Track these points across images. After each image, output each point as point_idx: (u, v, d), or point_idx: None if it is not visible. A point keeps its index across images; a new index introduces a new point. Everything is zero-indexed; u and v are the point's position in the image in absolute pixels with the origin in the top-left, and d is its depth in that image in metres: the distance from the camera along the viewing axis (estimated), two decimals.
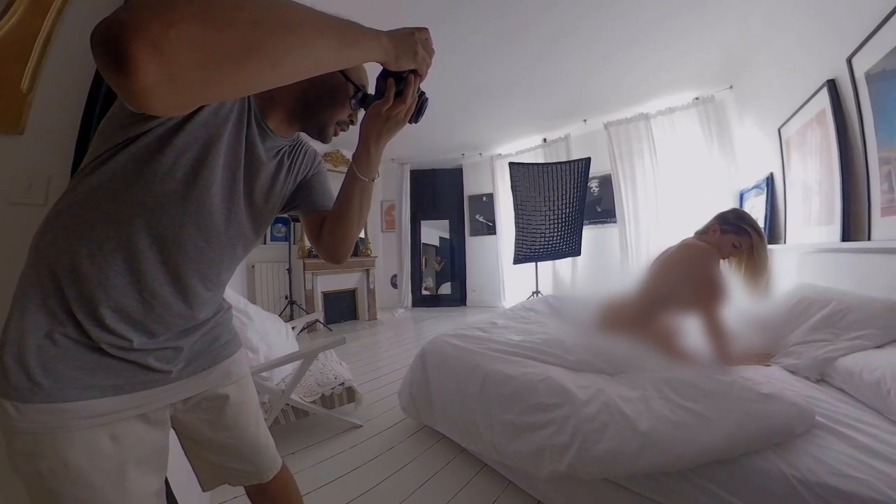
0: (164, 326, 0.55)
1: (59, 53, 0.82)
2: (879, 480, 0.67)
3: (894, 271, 1.24)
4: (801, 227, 1.95)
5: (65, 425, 0.47)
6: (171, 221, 0.51)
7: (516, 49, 2.55)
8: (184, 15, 0.27)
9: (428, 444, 1.52)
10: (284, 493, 0.76)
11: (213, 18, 0.28)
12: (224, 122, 0.53)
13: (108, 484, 0.50)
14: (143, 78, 0.26)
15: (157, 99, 0.28)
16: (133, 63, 0.25)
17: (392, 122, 0.58)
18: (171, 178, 0.49)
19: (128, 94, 0.28)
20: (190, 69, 0.28)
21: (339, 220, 0.68)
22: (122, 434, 0.52)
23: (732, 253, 1.31)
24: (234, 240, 0.60)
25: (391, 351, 3.03)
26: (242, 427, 0.69)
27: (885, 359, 0.96)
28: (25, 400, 0.45)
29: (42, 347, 0.46)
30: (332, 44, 0.38)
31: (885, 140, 1.30)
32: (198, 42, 0.28)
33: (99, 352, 0.50)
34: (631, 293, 1.42)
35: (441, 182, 5.31)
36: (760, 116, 2.50)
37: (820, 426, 0.85)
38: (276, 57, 0.32)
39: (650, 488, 0.89)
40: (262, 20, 0.31)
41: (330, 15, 0.39)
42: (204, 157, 0.51)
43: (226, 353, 0.67)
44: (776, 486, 0.73)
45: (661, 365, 1.16)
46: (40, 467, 0.46)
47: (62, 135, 0.81)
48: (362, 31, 0.43)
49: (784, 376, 1.15)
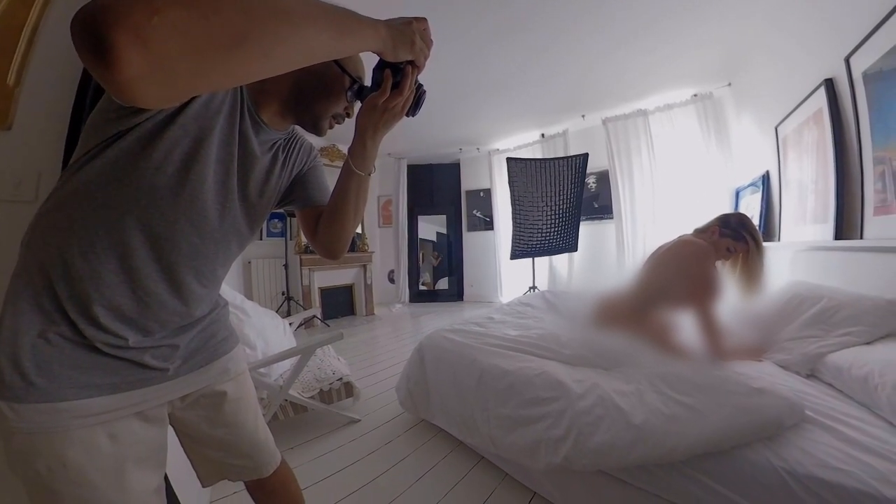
0: (159, 324, 0.54)
1: (46, 45, 0.79)
2: (865, 472, 0.69)
3: (885, 269, 1.27)
4: (795, 224, 1.97)
5: (62, 425, 0.47)
6: (164, 218, 0.50)
7: (516, 43, 2.53)
8: (168, 1, 0.26)
9: (426, 438, 1.54)
10: (284, 487, 0.77)
11: (198, 5, 0.27)
12: (216, 114, 0.51)
13: (107, 482, 0.50)
14: (126, 69, 0.25)
15: (143, 90, 0.27)
16: (115, 53, 0.24)
17: (389, 114, 0.57)
18: (162, 174, 0.48)
19: (112, 86, 0.27)
20: (176, 59, 0.27)
21: (335, 215, 0.67)
22: (120, 432, 0.52)
23: (726, 256, 1.33)
24: (228, 236, 0.59)
25: (389, 346, 3.04)
26: (241, 423, 0.69)
27: (873, 355, 0.98)
28: (21, 400, 0.45)
29: (36, 346, 0.46)
30: (326, 33, 0.37)
31: (880, 140, 1.31)
32: (183, 30, 0.26)
33: (94, 350, 0.50)
34: (627, 289, 1.43)
35: (438, 177, 5.29)
36: (758, 114, 2.51)
37: (809, 420, 0.87)
38: (267, 46, 0.31)
39: (644, 480, 0.91)
40: (252, 7, 0.30)
41: (324, 2, 0.38)
42: (195, 151, 0.50)
43: (223, 349, 0.67)
44: (766, 478, 0.75)
45: (655, 360, 1.17)
46: (38, 467, 0.46)
47: (51, 129, 0.78)
48: (359, 19, 0.42)
49: (775, 371, 1.17)
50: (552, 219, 3.73)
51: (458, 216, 5.26)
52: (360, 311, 4.44)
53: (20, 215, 0.67)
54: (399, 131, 0.69)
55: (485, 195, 4.98)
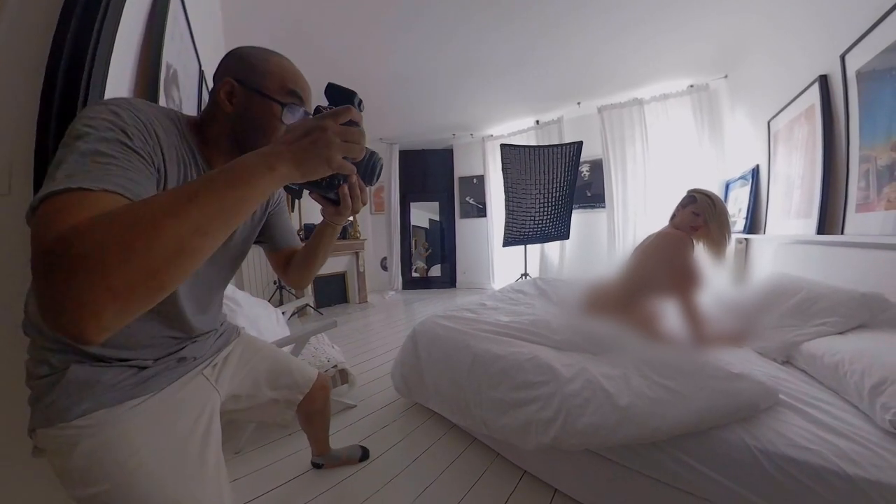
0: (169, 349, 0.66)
1: (8, 26, 0.71)
2: (830, 451, 0.75)
3: (862, 264, 1.32)
4: (780, 218, 2.03)
5: (113, 418, 0.55)
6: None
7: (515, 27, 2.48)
8: (116, 290, 0.30)
9: (420, 422, 1.58)
10: (314, 395, 0.97)
11: (127, 292, 0.30)
12: (185, 182, 0.54)
13: (173, 449, 0.59)
14: (95, 339, 0.30)
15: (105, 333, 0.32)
16: (87, 338, 0.30)
17: (342, 217, 0.61)
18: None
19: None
20: (134, 305, 0.32)
21: (308, 257, 0.76)
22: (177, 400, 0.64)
23: (695, 223, 1.32)
24: (212, 280, 0.69)
25: (382, 333, 3.07)
26: (267, 348, 0.91)
27: (845, 344, 1.04)
28: (68, 419, 0.53)
29: (77, 373, 0.54)
30: (216, 203, 0.35)
31: (867, 139, 1.34)
32: (128, 297, 0.31)
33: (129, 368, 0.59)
34: (615, 278, 1.47)
35: (431, 163, 5.21)
36: (752, 108, 2.53)
37: (782, 403, 0.92)
38: (181, 263, 0.34)
39: (628, 458, 0.97)
40: (157, 244, 0.32)
41: (208, 177, 0.37)
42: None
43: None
44: (740, 456, 0.81)
45: (641, 346, 1.22)
46: (106, 465, 0.53)
47: (21, 119, 0.72)
48: (246, 165, 0.39)
49: (753, 358, 1.24)
50: (545, 206, 3.74)
51: (451, 203, 5.23)
52: (353, 299, 4.44)
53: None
54: (391, 116, 0.69)
55: (478, 182, 4.95)
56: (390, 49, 2.68)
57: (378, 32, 2.46)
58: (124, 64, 0.89)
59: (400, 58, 2.81)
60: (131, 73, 0.94)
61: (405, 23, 2.36)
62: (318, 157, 0.42)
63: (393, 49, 2.68)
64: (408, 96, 3.59)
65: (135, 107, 0.46)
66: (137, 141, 0.43)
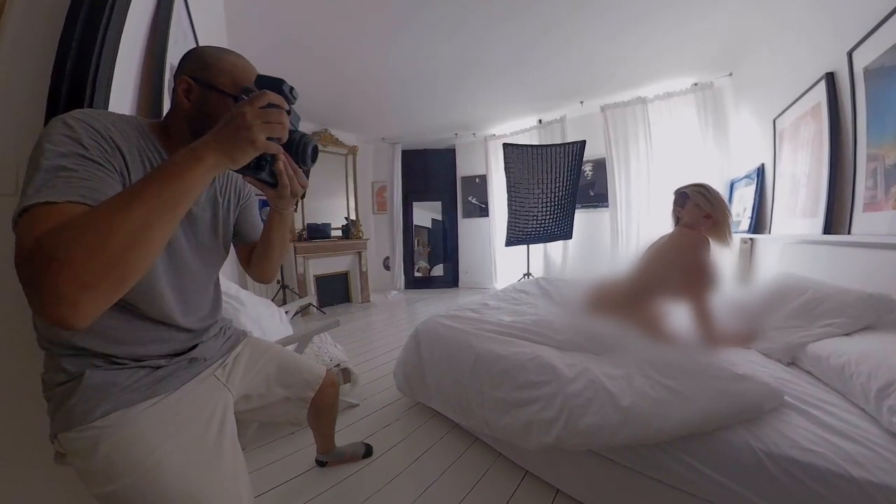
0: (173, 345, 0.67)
1: (15, 27, 0.72)
2: (836, 454, 0.74)
3: (869, 264, 1.31)
4: (786, 218, 2.00)
5: (131, 418, 0.57)
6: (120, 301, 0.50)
7: (517, 26, 2.46)
8: (91, 277, 0.36)
9: (422, 421, 1.58)
10: (324, 392, 0.98)
11: (95, 282, 0.37)
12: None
13: (194, 440, 0.61)
14: (80, 324, 0.37)
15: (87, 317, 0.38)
16: (72, 323, 0.36)
17: (285, 200, 0.62)
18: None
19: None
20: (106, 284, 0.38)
21: (266, 249, 0.78)
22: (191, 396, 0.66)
23: (701, 219, 1.30)
24: (195, 281, 0.68)
25: (385, 332, 3.08)
26: (274, 348, 0.93)
27: (851, 346, 1.02)
28: (87, 421, 0.55)
29: (93, 377, 0.56)
30: (155, 200, 0.40)
31: (874, 137, 1.32)
32: (104, 278, 0.38)
33: (145, 367, 0.61)
34: (621, 278, 1.46)
35: (433, 163, 5.21)
36: (757, 106, 2.50)
37: (787, 405, 0.91)
38: (137, 252, 0.39)
39: (631, 459, 0.96)
40: (111, 235, 0.38)
41: (148, 176, 0.42)
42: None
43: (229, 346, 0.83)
44: (744, 458, 0.80)
45: (644, 346, 1.21)
46: (125, 463, 0.55)
47: (28, 117, 0.73)
48: (175, 161, 0.43)
49: (758, 359, 1.22)
50: (548, 206, 3.73)
51: (454, 203, 5.23)
52: (355, 298, 4.45)
53: (0, 208, 0.66)
54: (393, 115, 0.69)
55: (480, 181, 4.95)
56: (391, 49, 2.68)
57: (378, 32, 2.46)
58: (129, 65, 0.90)
59: (400, 58, 2.81)
60: (136, 74, 0.95)
61: (405, 23, 2.36)
62: (242, 141, 0.45)
63: (393, 49, 2.68)
64: (409, 96, 3.59)
65: (89, 117, 0.50)
66: (94, 150, 0.47)
